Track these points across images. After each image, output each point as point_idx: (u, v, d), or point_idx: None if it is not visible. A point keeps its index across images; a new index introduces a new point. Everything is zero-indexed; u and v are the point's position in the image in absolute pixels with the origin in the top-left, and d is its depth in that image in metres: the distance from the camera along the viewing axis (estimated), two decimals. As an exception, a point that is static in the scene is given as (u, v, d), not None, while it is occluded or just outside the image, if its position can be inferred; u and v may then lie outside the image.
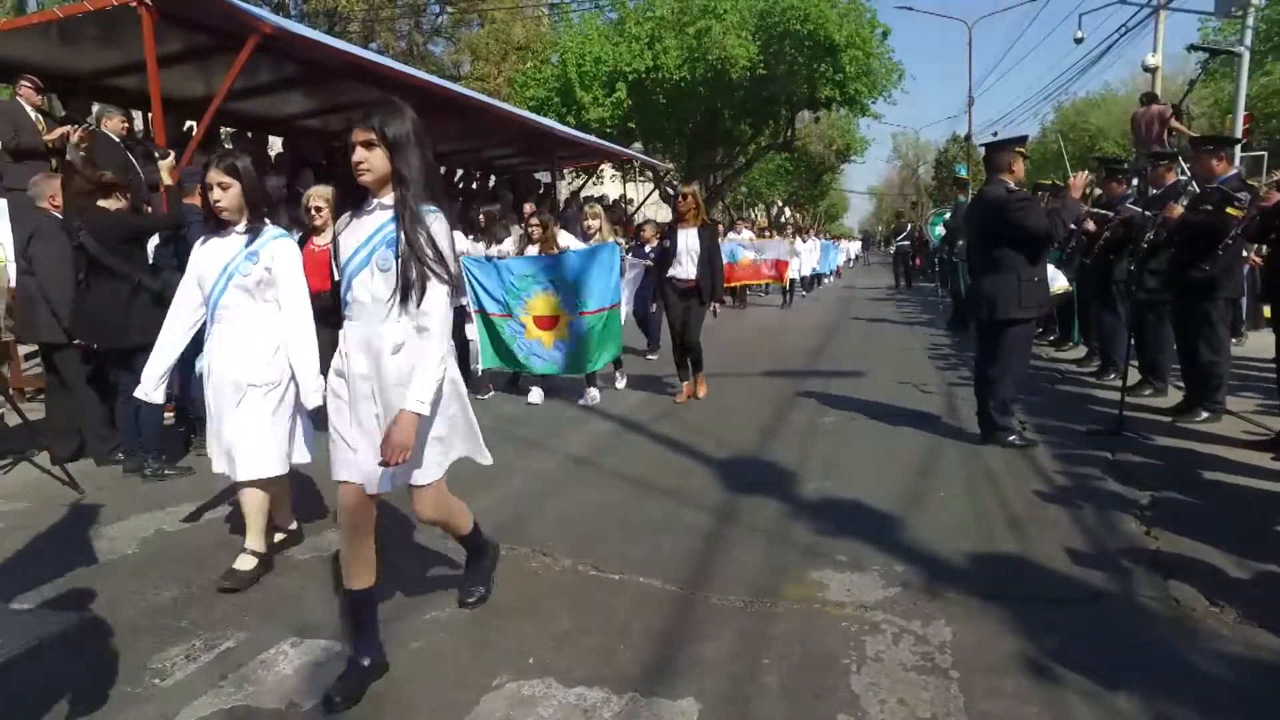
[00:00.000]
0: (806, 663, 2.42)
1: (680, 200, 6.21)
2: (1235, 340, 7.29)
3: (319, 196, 4.95)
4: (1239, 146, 9.23)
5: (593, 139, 14.93)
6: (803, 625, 2.66)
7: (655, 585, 2.96)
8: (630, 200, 18.28)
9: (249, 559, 3.07)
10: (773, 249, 14.30)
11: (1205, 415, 5.23)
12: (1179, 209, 5.32)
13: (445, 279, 2.21)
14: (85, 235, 4.26)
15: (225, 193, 2.97)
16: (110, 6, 5.56)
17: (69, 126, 6.27)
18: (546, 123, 13.47)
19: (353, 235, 2.31)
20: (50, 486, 4.34)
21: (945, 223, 12.95)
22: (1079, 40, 18.46)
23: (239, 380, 2.99)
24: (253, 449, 3.00)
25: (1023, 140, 4.95)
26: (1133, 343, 5.62)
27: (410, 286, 2.18)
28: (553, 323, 6.15)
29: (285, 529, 3.43)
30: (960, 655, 2.44)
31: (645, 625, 2.65)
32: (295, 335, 3.01)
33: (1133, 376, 5.75)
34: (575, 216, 14.71)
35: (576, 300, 5.99)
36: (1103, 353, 7.12)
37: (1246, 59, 11.42)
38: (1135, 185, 6.34)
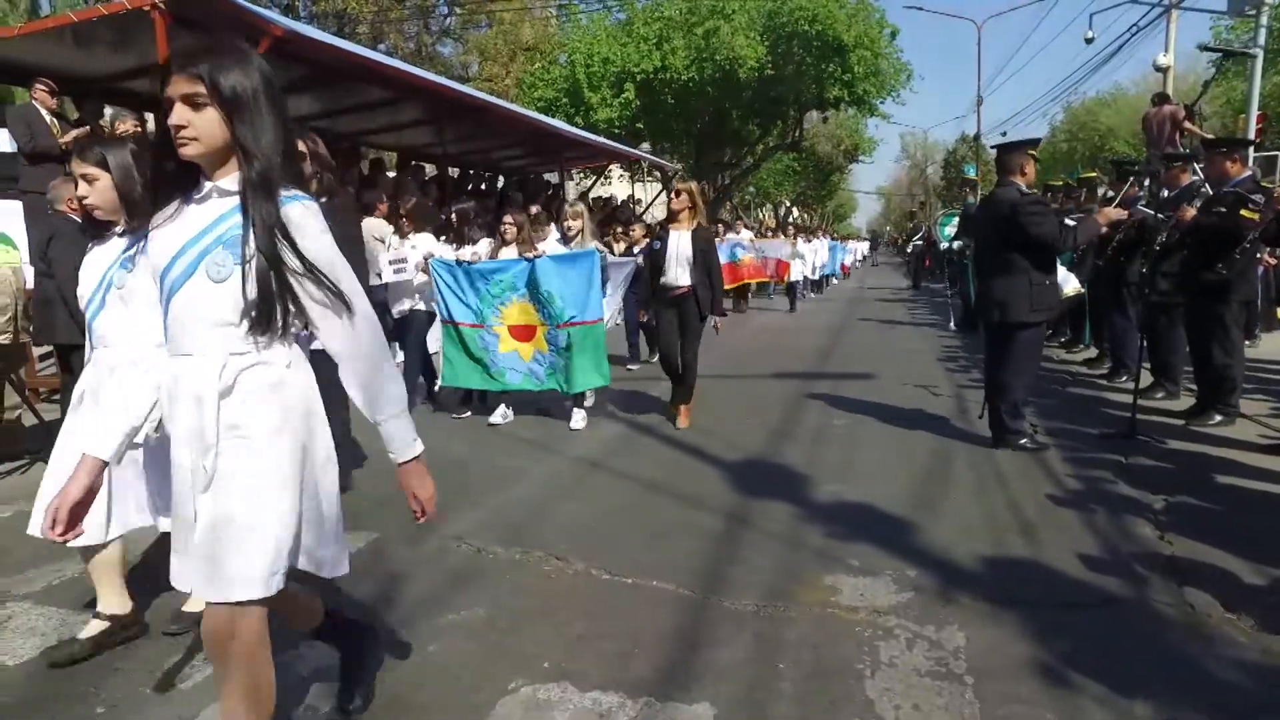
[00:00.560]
0: (820, 668, 2.43)
1: (674, 197, 5.45)
2: (1249, 343, 7.25)
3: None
4: (1252, 148, 9.17)
5: (601, 139, 14.94)
6: (816, 630, 2.66)
7: (668, 589, 2.96)
8: (639, 201, 18.27)
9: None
10: (774, 249, 13.97)
11: (1219, 419, 5.21)
12: (1191, 211, 5.29)
13: (335, 296, 1.63)
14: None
15: (92, 187, 2.38)
16: (124, 11, 5.61)
17: (83, 129, 6.33)
18: (554, 123, 13.49)
19: (174, 234, 1.62)
20: (66, 487, 4.37)
21: (955, 223, 12.92)
22: (1089, 40, 18.39)
23: None
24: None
25: (1035, 142, 4.93)
26: (1144, 345, 5.60)
27: (270, 303, 1.56)
28: (530, 334, 5.56)
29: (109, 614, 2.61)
30: (974, 661, 2.44)
31: (659, 629, 2.66)
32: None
33: (1144, 379, 5.72)
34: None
35: (554, 310, 5.37)
36: (1114, 355, 7.10)
37: (1260, 59, 11.35)
38: (1148, 187, 6.31)
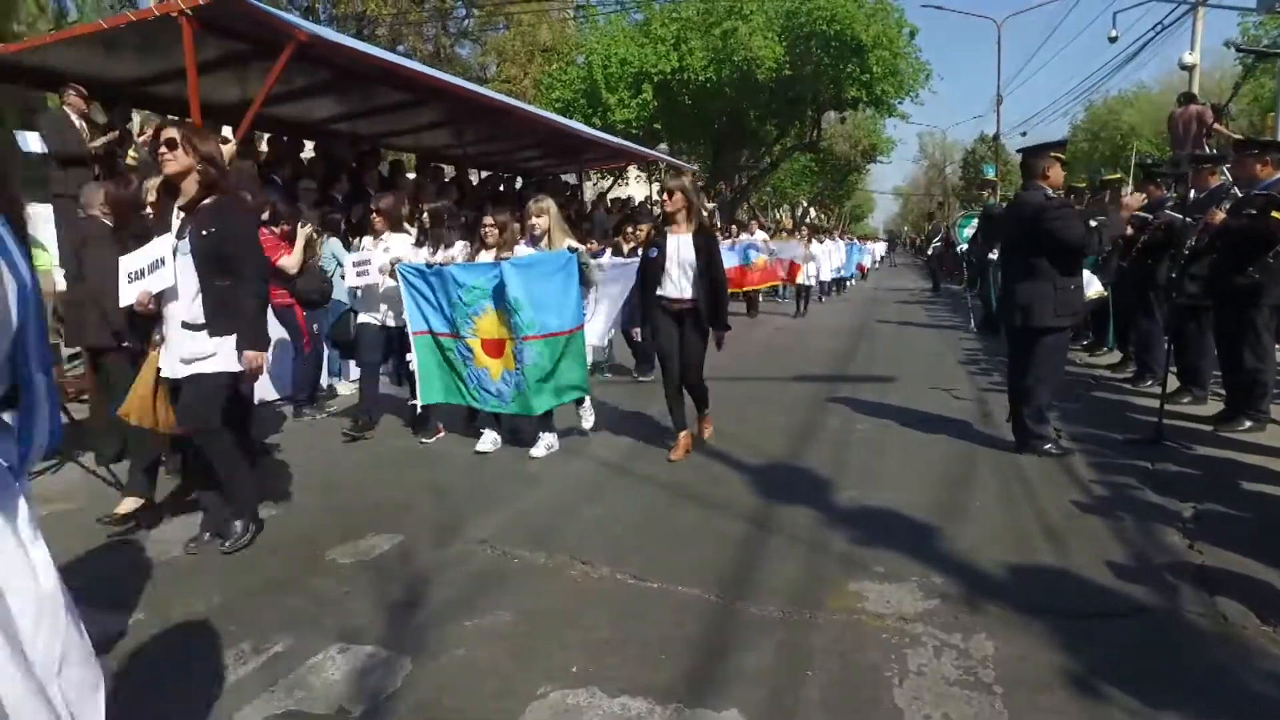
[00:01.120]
0: (848, 675, 2.42)
1: (667, 199, 4.72)
2: None
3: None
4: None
5: (618, 140, 14.96)
6: (843, 637, 2.66)
7: (694, 594, 2.97)
8: (657, 201, 18.26)
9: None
10: (787, 250, 13.66)
11: (1249, 425, 5.14)
12: (1220, 214, 5.22)
13: None
14: (132, 244, 4.34)
15: None
16: (152, 17, 5.69)
17: (112, 134, 6.43)
18: (572, 124, 13.52)
19: None
20: (96, 487, 4.45)
21: (974, 225, 12.84)
22: (1113, 39, 18.18)
23: None
24: None
25: (1061, 145, 4.87)
26: (1171, 349, 5.53)
27: None
28: (499, 349, 4.98)
29: None
30: (1003, 670, 2.43)
31: (686, 635, 2.67)
32: None
33: (1171, 384, 5.66)
34: (604, 220, 14.75)
35: (520, 320, 4.77)
36: (1139, 359, 7.02)
37: (1289, 57, 11.18)
38: (1176, 189, 6.25)
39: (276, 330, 5.96)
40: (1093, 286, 6.07)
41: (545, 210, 5.01)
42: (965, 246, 12.69)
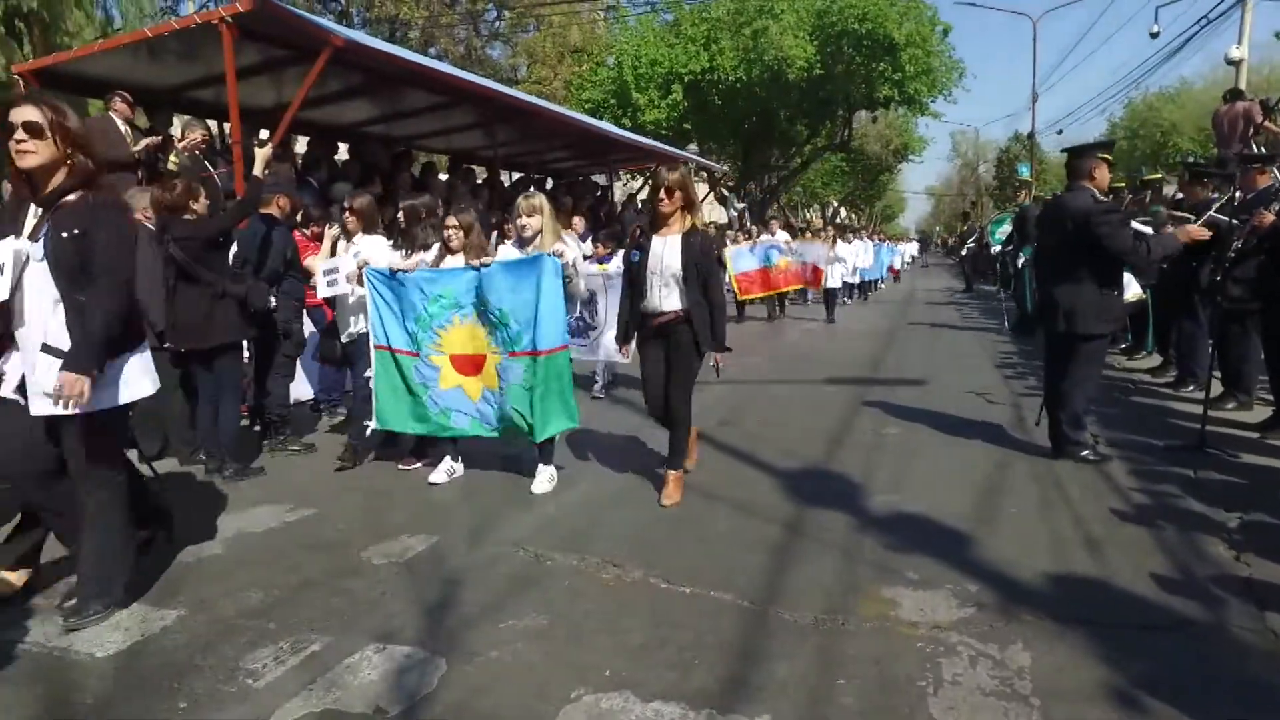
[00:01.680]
0: (882, 684, 2.40)
1: (665, 199, 3.94)
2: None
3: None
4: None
5: (648, 141, 14.97)
6: (877, 645, 2.63)
7: (727, 599, 2.96)
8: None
9: None
10: (810, 252, 12.86)
11: (1296, 431, 5.00)
12: (1270, 216, 5.09)
13: None
14: (173, 246, 4.45)
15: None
16: (194, 24, 5.83)
17: (154, 138, 6.59)
18: (602, 125, 13.57)
19: None
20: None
21: (1007, 226, 12.62)
22: (1155, 34, 17.79)
23: None
24: None
25: (1109, 146, 4.73)
26: (1214, 352, 5.40)
27: None
28: (478, 365, 4.39)
29: None
30: (1040, 682, 2.39)
31: (719, 640, 2.67)
32: None
33: (1214, 388, 5.52)
34: (634, 221, 14.75)
35: (509, 334, 4.23)
36: (1181, 362, 6.86)
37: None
38: (1222, 189, 6.10)
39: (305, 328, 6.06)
40: (1131, 289, 5.92)
41: (538, 209, 4.31)
42: (999, 248, 12.44)
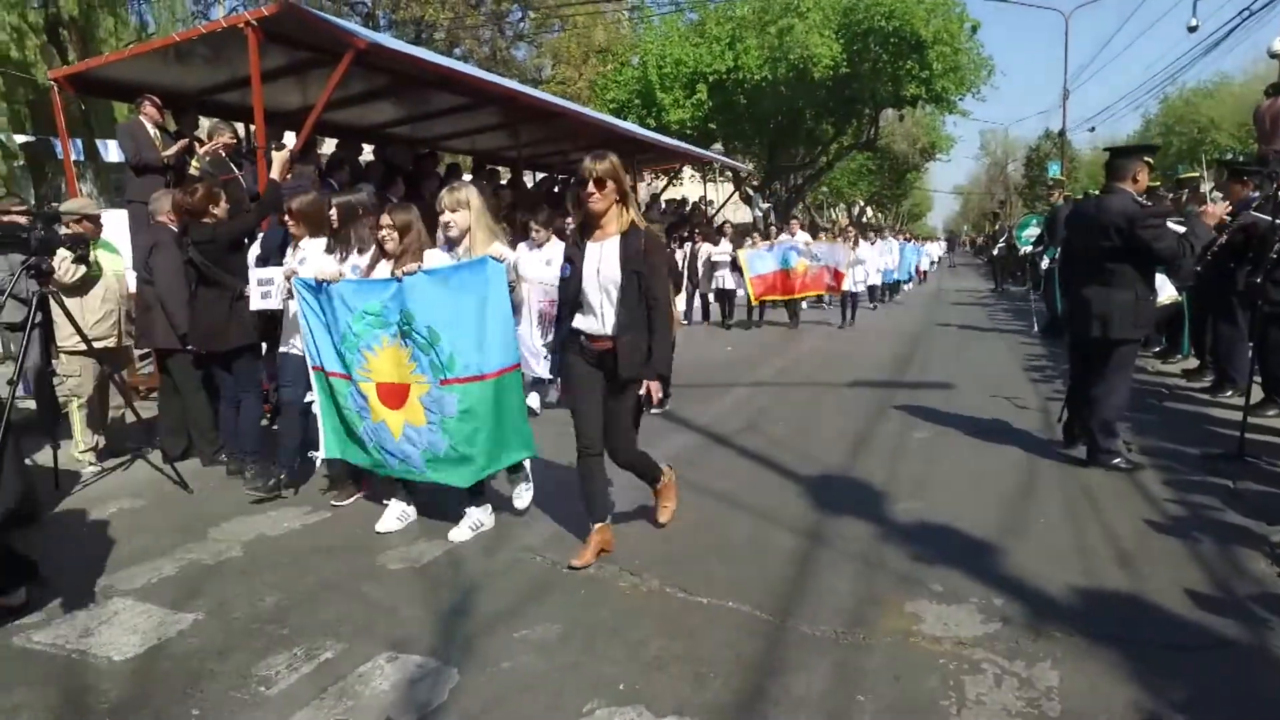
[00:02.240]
0: (903, 702, 2.33)
1: (594, 191, 3.16)
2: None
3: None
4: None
5: (672, 141, 14.91)
6: (898, 661, 2.56)
7: (744, 611, 2.90)
8: (710, 202, 18.16)
9: None
10: (830, 254, 12.32)
11: (1340, 440, 4.82)
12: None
13: None
14: (193, 250, 4.48)
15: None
16: (220, 29, 5.89)
17: (183, 142, 6.67)
18: (626, 126, 13.53)
19: None
20: (164, 485, 4.61)
21: (1034, 227, 12.36)
22: (1193, 28, 17.36)
23: None
24: None
25: (1153, 150, 4.60)
26: (1253, 357, 5.22)
27: None
28: (400, 396, 3.67)
29: None
30: (1069, 703, 2.31)
31: (735, 653, 2.61)
32: None
33: (1254, 394, 5.34)
34: (657, 218, 14.69)
35: (437, 357, 3.52)
36: (1218, 367, 6.66)
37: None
38: (1264, 188, 5.91)
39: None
40: (1165, 291, 5.76)
41: (463, 203, 3.63)
42: (1028, 249, 12.16)
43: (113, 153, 8.94)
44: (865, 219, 39.20)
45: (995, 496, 4.14)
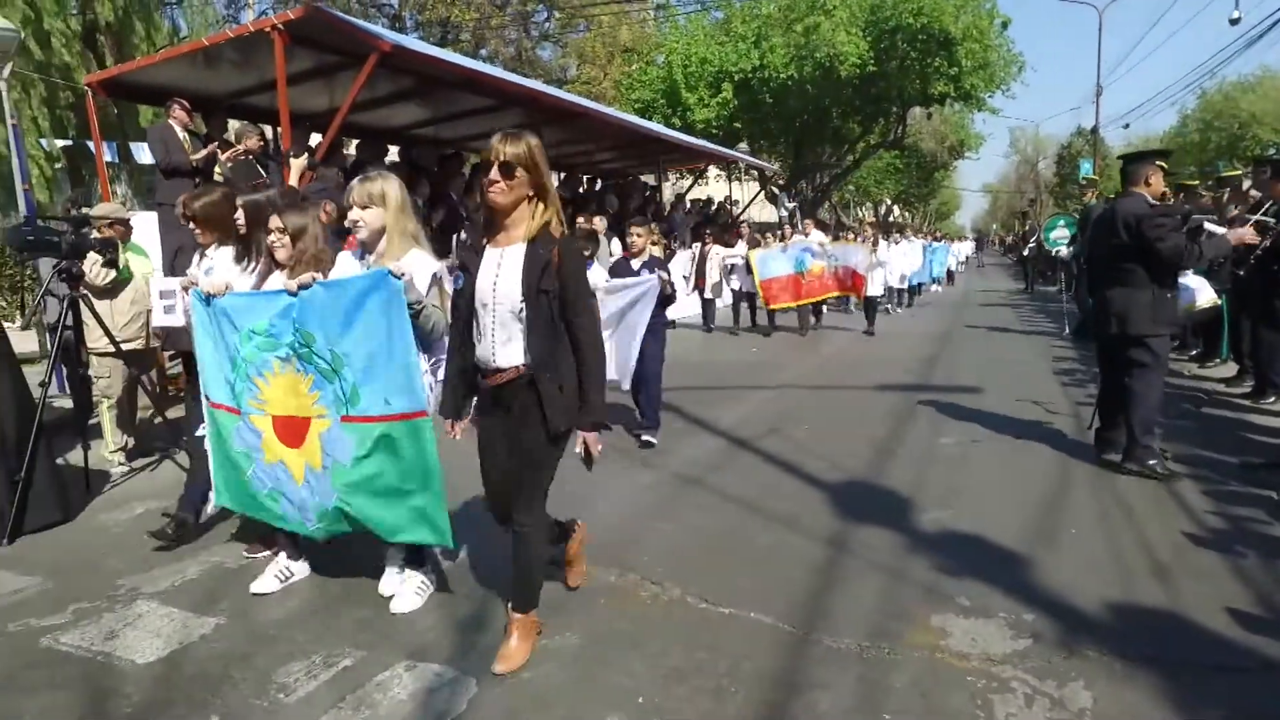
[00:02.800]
0: (930, 721, 2.27)
1: (497, 179, 2.45)
2: None
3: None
4: None
5: (697, 141, 14.85)
6: (924, 677, 2.50)
7: (766, 622, 2.85)
8: (736, 201, 18.04)
9: None
10: (848, 255, 11.42)
11: (1388, 450, 4.66)
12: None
13: None
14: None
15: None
16: (248, 33, 5.96)
17: (213, 145, 6.75)
18: (651, 126, 13.50)
19: None
20: (190, 486, 4.64)
21: (1061, 227, 12.09)
22: (1235, 21, 16.91)
23: None
24: None
25: (1165, 154, 4.68)
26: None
27: None
28: (300, 432, 3.00)
29: None
30: (1104, 726, 2.23)
31: (757, 666, 2.56)
32: None
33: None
34: (683, 221, 14.60)
35: (341, 388, 2.86)
36: (1259, 372, 6.47)
37: None
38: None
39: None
40: (1204, 294, 5.58)
41: (376, 198, 2.93)
42: (1059, 250, 11.88)
43: (147, 155, 9.14)
44: (891, 218, 38.75)
45: (1025, 506, 4.04)
